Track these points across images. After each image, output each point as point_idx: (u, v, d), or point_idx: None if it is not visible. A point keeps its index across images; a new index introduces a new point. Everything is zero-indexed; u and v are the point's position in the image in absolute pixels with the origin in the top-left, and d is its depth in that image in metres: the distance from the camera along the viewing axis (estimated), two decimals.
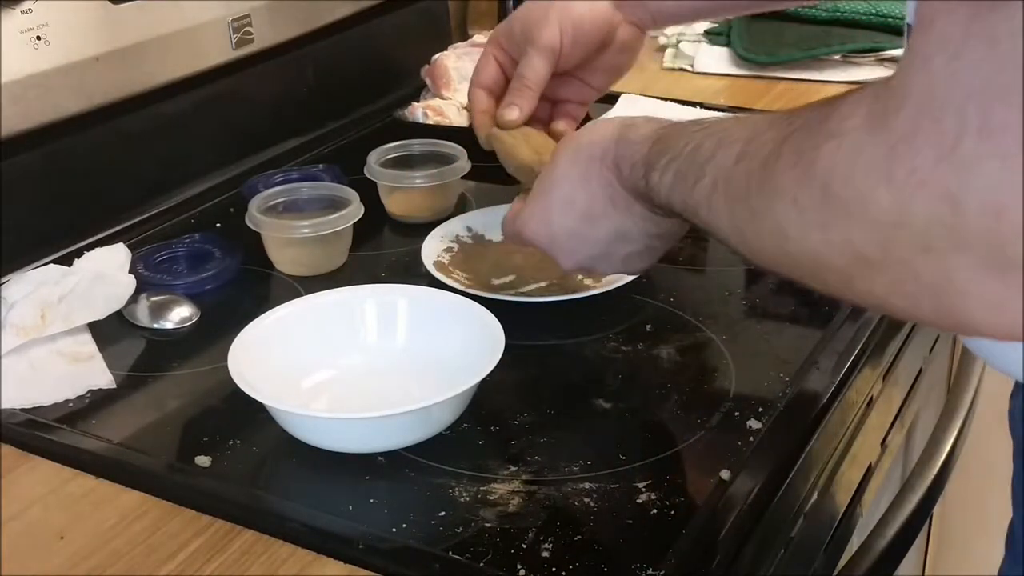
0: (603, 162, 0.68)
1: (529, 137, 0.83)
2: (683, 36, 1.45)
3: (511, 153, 0.82)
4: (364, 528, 0.63)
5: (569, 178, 0.70)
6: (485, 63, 0.87)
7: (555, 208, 0.71)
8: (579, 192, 0.69)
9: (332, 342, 0.77)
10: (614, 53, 0.87)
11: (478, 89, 0.87)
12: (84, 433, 0.73)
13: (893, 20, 1.35)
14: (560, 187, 0.71)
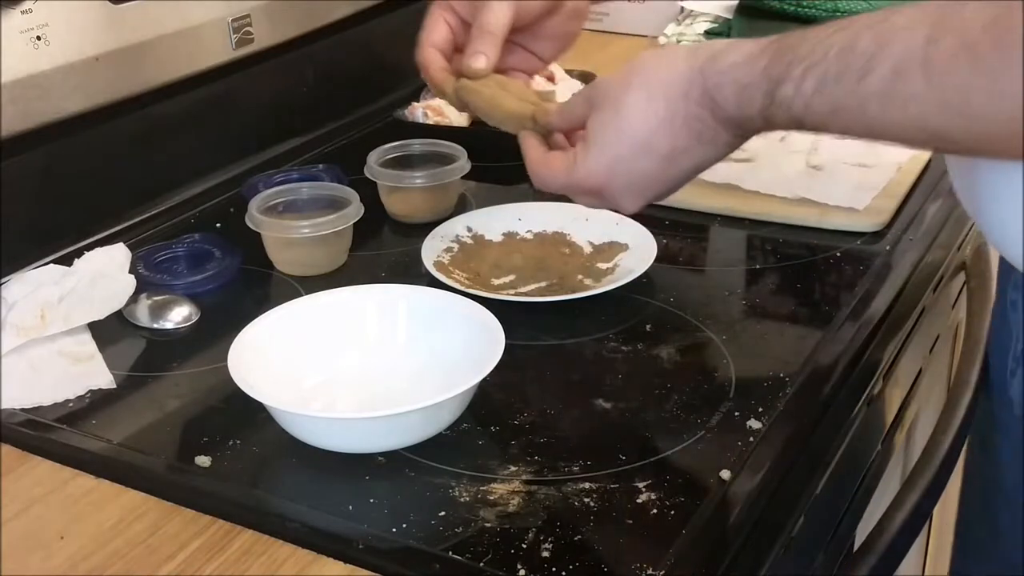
0: (688, 98, 0.67)
1: (504, 84, 0.81)
2: (683, 36, 1.45)
3: (494, 103, 0.80)
4: (364, 528, 0.63)
5: (646, 120, 0.68)
6: (434, 24, 0.84)
7: (630, 154, 0.70)
8: (661, 134, 0.68)
9: (332, 342, 0.77)
10: (563, 19, 0.85)
11: (430, 48, 0.84)
12: (84, 433, 0.73)
13: None
14: (636, 131, 0.69)
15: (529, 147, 0.77)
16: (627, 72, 0.71)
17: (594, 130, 0.71)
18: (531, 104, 0.79)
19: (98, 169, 1.00)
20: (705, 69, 0.66)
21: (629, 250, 0.92)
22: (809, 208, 1.00)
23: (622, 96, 0.70)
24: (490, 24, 0.81)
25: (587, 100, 0.73)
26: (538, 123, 0.78)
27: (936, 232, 0.98)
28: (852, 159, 1.08)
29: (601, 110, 0.71)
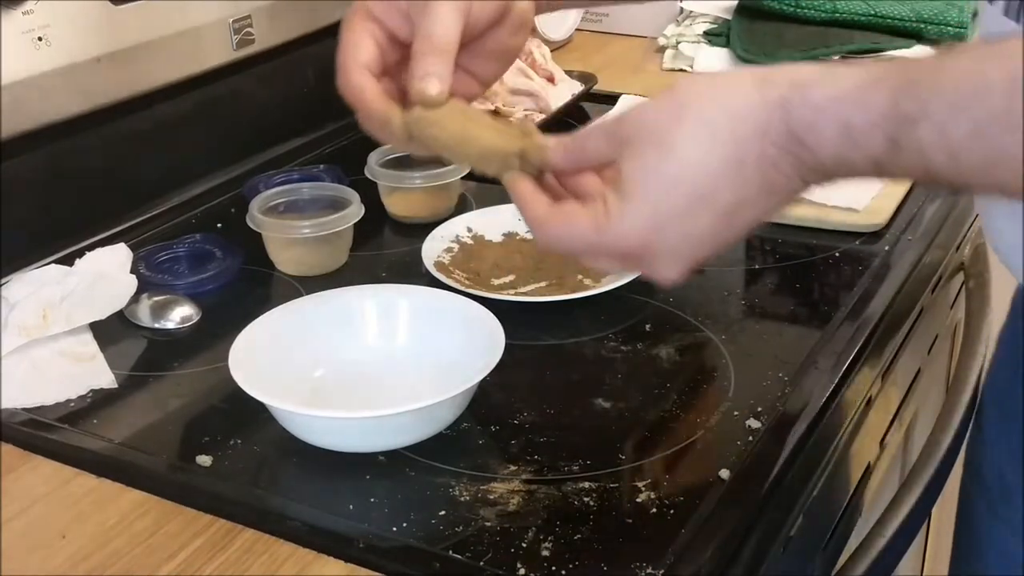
0: (765, 137, 0.53)
1: (469, 114, 0.65)
2: (683, 37, 1.45)
3: (466, 137, 0.63)
4: (364, 527, 0.64)
5: (707, 165, 0.54)
6: (359, 39, 0.66)
7: (685, 207, 0.55)
8: (726, 182, 0.54)
9: (332, 342, 0.77)
10: (508, 31, 0.68)
11: (361, 70, 0.65)
12: (85, 433, 0.73)
13: (892, 21, 1.35)
14: (694, 179, 0.54)
15: (527, 195, 0.60)
16: (675, 101, 0.56)
17: (632, 176, 0.56)
18: (516, 138, 0.63)
19: (99, 169, 1.00)
20: (790, 101, 0.52)
21: None
22: (809, 208, 1.00)
23: (673, 131, 0.55)
24: (438, 35, 0.63)
25: (613, 136, 0.58)
26: (529, 162, 0.61)
27: (935, 232, 0.99)
28: None
29: (640, 150, 0.56)
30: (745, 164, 0.54)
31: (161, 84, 1.03)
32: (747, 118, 0.54)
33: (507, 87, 1.19)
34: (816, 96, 0.52)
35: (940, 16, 1.34)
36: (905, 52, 1.32)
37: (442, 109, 0.63)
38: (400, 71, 0.66)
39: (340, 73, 0.65)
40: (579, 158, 0.60)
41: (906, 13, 1.34)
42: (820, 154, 0.52)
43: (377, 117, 0.64)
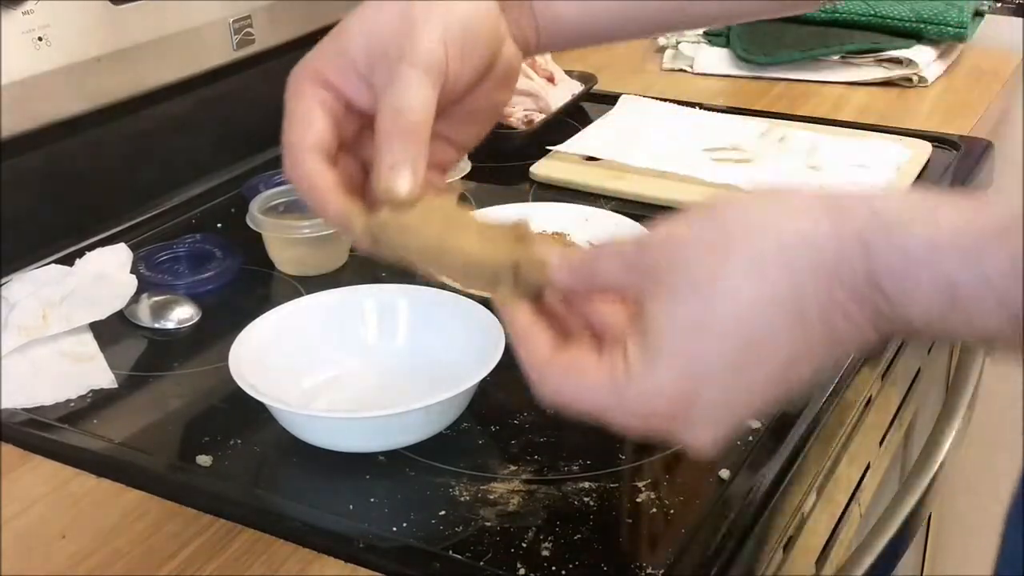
0: (834, 282, 0.42)
1: (449, 214, 0.53)
2: (683, 37, 1.45)
3: (447, 247, 0.51)
4: (364, 527, 0.64)
5: (762, 315, 0.43)
6: (307, 112, 0.55)
7: (731, 366, 0.44)
8: (779, 336, 0.43)
9: (332, 342, 0.77)
10: (492, 88, 0.57)
11: (311, 154, 0.54)
12: (85, 433, 0.73)
13: (892, 21, 1.35)
14: (744, 332, 0.43)
15: (523, 330, 0.49)
16: (718, 228, 0.45)
17: (661, 323, 0.44)
18: (507, 247, 0.51)
19: (99, 169, 1.00)
20: (872, 241, 0.41)
21: None
22: None
23: (715, 270, 0.44)
24: (407, 111, 0.51)
25: (635, 266, 0.47)
26: (524, 279, 0.50)
27: None
28: (851, 160, 1.08)
29: (672, 290, 0.44)
30: (807, 313, 0.43)
31: (161, 84, 1.03)
32: (813, 255, 0.42)
33: None
34: (909, 239, 0.41)
35: (940, 16, 1.34)
36: (905, 52, 1.33)
37: (415, 209, 0.52)
38: (362, 143, 0.56)
39: (286, 157, 0.54)
40: (589, 283, 0.48)
41: (906, 13, 1.34)
42: (907, 311, 0.41)
43: (333, 217, 0.53)
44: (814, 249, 0.42)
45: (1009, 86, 1.38)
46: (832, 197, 0.44)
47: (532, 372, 0.49)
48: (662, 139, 1.15)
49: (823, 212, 0.43)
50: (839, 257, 0.42)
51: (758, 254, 0.43)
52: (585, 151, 1.12)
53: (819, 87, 1.33)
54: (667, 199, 1.04)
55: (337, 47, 0.55)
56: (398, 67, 0.52)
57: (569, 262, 0.49)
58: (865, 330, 0.43)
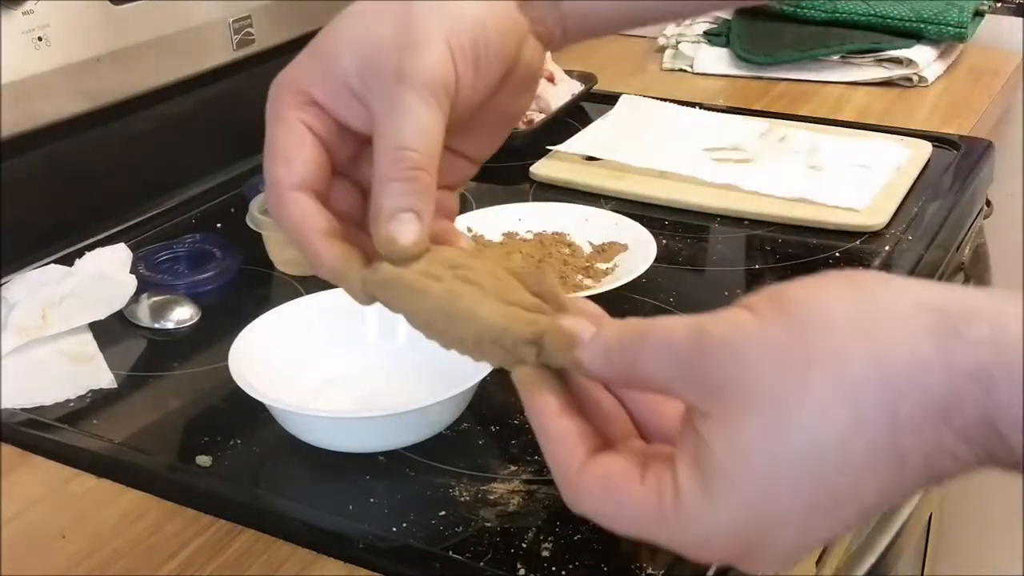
0: (943, 424, 0.34)
1: (460, 268, 0.45)
2: (682, 37, 1.45)
3: (456, 312, 0.43)
4: (364, 528, 0.64)
5: (845, 457, 0.35)
6: (293, 140, 0.47)
7: (799, 511, 0.36)
8: (870, 481, 0.35)
9: (332, 342, 0.77)
10: (511, 95, 0.50)
11: (297, 194, 0.46)
12: (85, 433, 0.73)
13: (892, 21, 1.35)
14: (820, 476, 0.35)
15: (552, 428, 0.41)
16: (799, 344, 0.36)
17: (723, 453, 0.37)
18: (527, 312, 0.43)
19: (99, 169, 1.00)
20: (991, 375, 0.33)
21: (629, 250, 0.92)
22: (808, 208, 1.00)
23: (793, 393, 0.35)
24: (411, 146, 0.44)
25: (690, 372, 0.38)
26: (548, 351, 0.41)
27: (935, 232, 0.99)
28: (851, 159, 1.08)
29: (737, 409, 0.36)
30: (907, 459, 0.35)
31: (161, 84, 1.03)
32: (919, 394, 0.34)
33: None
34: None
35: (940, 16, 1.34)
36: (905, 52, 1.33)
37: (419, 263, 0.44)
38: (360, 165, 0.48)
39: (270, 195, 0.47)
40: (628, 375, 0.40)
41: (906, 13, 1.34)
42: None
43: (326, 271, 0.46)
44: (921, 386, 0.34)
45: (1009, 86, 1.38)
46: (937, 308, 0.35)
47: (565, 484, 0.42)
48: (662, 139, 1.14)
49: (930, 336, 0.34)
50: (950, 396, 0.34)
51: (849, 379, 0.35)
52: (585, 151, 1.12)
53: (819, 87, 1.33)
54: (667, 199, 1.04)
55: (323, 60, 0.48)
56: (397, 91, 0.44)
57: (605, 344, 0.40)
58: (970, 465, 0.35)
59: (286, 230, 0.47)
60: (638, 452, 0.41)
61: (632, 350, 0.39)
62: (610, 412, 0.43)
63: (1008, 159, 1.43)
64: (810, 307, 0.36)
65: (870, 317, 0.35)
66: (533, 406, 0.42)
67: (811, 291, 0.37)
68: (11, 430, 0.73)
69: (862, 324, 0.35)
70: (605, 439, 0.42)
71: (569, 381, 0.42)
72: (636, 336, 0.39)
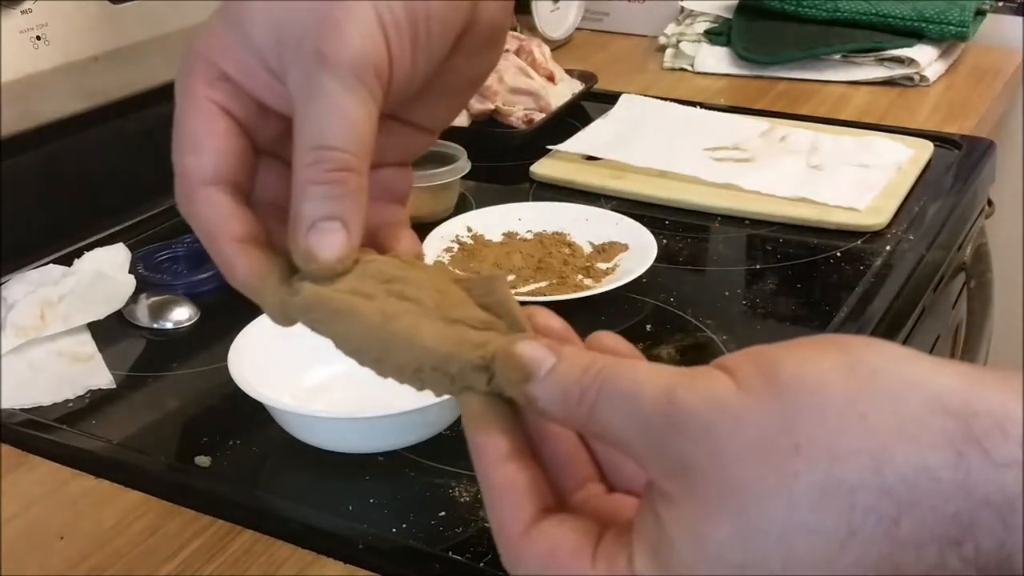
0: (954, 552, 0.28)
1: (395, 283, 0.38)
2: (683, 36, 1.45)
3: (393, 336, 0.37)
4: (364, 528, 0.63)
5: (826, 573, 0.30)
6: (203, 123, 0.43)
7: None
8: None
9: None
10: (472, 52, 0.42)
11: (211, 190, 0.41)
12: (84, 433, 0.73)
13: (893, 20, 1.35)
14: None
15: (499, 481, 0.37)
16: (784, 417, 0.30)
17: (687, 550, 0.31)
18: (475, 330, 0.37)
19: (98, 169, 1.00)
20: (1018, 509, 0.28)
21: (629, 250, 0.92)
22: (809, 208, 1.00)
23: (772, 493, 0.30)
24: (336, 143, 0.38)
25: (656, 444, 0.32)
26: (500, 378, 0.36)
27: (936, 232, 0.98)
28: (852, 159, 1.08)
29: (708, 503, 0.31)
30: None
31: (160, 83, 1.03)
32: (924, 508, 0.28)
33: (507, 86, 1.19)
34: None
35: (942, 15, 1.34)
36: (906, 51, 1.32)
37: (347, 279, 0.38)
38: (288, 144, 0.39)
39: (178, 189, 0.41)
40: (585, 426, 0.34)
41: (907, 12, 1.34)
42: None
43: (240, 283, 0.39)
44: (928, 501, 0.28)
45: (1011, 85, 1.38)
46: (963, 413, 0.28)
47: (504, 548, 0.35)
48: (662, 138, 1.14)
49: (946, 439, 0.28)
50: (963, 520, 0.28)
51: (842, 483, 0.29)
52: (585, 150, 1.12)
53: (820, 86, 1.33)
54: (668, 199, 1.04)
55: (235, 30, 0.40)
56: (318, 76, 0.37)
57: (562, 384, 0.34)
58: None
59: (196, 230, 0.41)
60: (592, 515, 0.35)
61: (591, 396, 0.33)
62: (568, 453, 0.37)
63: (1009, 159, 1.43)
64: (802, 383, 0.30)
65: (873, 404, 0.29)
66: (478, 446, 0.37)
67: (805, 363, 0.31)
68: (10, 430, 0.73)
69: (862, 412, 0.29)
70: (560, 484, 0.37)
71: (523, 413, 0.37)
72: (598, 381, 0.33)
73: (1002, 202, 1.31)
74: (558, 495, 0.36)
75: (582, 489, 0.37)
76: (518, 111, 1.18)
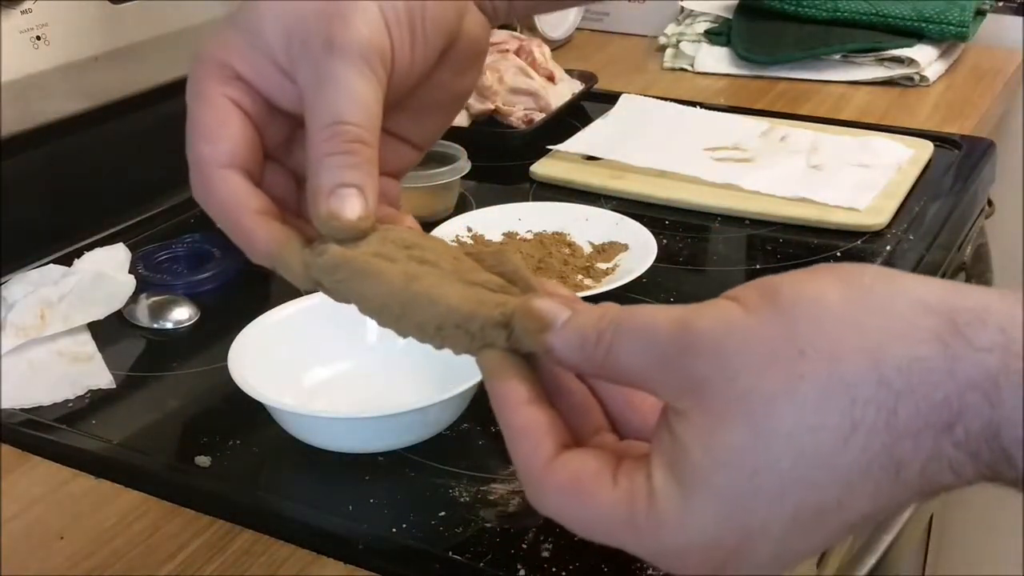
0: (946, 434, 0.32)
1: (414, 247, 0.42)
2: (683, 36, 1.45)
3: (415, 295, 0.40)
4: (364, 528, 0.63)
5: (837, 467, 0.32)
6: (217, 118, 0.44)
7: (784, 524, 0.33)
8: (862, 492, 0.33)
9: (332, 342, 0.77)
10: (456, 68, 0.47)
11: (227, 171, 0.43)
12: (84, 433, 0.73)
13: (893, 20, 1.35)
14: (809, 485, 0.33)
15: (520, 420, 0.38)
16: (786, 329, 0.34)
17: (703, 456, 0.34)
18: (493, 293, 0.40)
19: (98, 169, 1.00)
20: (1000, 383, 0.31)
21: (629, 250, 0.92)
22: (809, 208, 1.00)
23: (780, 395, 0.33)
24: (348, 119, 0.41)
25: (671, 366, 0.35)
26: (518, 336, 0.39)
27: (936, 232, 0.98)
28: (852, 159, 1.08)
29: (721, 412, 0.33)
30: (904, 471, 0.32)
31: (160, 83, 1.03)
32: (920, 399, 0.32)
33: (507, 86, 1.19)
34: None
35: (942, 15, 1.34)
36: (906, 51, 1.32)
37: (369, 243, 0.41)
38: (294, 150, 0.45)
39: (194, 174, 0.43)
40: (603, 367, 0.36)
41: (907, 12, 1.34)
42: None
43: (262, 251, 0.42)
44: (921, 389, 0.31)
45: (1011, 85, 1.38)
46: (946, 311, 0.32)
47: (528, 481, 0.37)
48: (663, 138, 1.14)
49: (933, 334, 0.32)
50: (953, 404, 0.31)
51: (842, 375, 0.32)
52: (585, 150, 1.12)
53: (820, 86, 1.33)
54: (667, 198, 1.04)
55: (247, 33, 0.44)
56: (328, 63, 0.41)
57: (579, 330, 0.37)
58: (970, 479, 0.33)
59: (213, 212, 0.42)
60: (610, 450, 0.38)
61: (608, 338, 0.36)
62: (582, 404, 0.40)
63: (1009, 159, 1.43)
64: (801, 298, 0.34)
65: (866, 311, 0.33)
66: (498, 393, 0.39)
67: (803, 283, 0.35)
68: (10, 430, 0.73)
69: (857, 318, 0.33)
70: (575, 434, 0.39)
71: (538, 369, 0.39)
72: (613, 323, 0.36)
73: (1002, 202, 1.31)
74: (575, 440, 0.39)
75: (595, 437, 0.40)
76: (518, 111, 1.18)
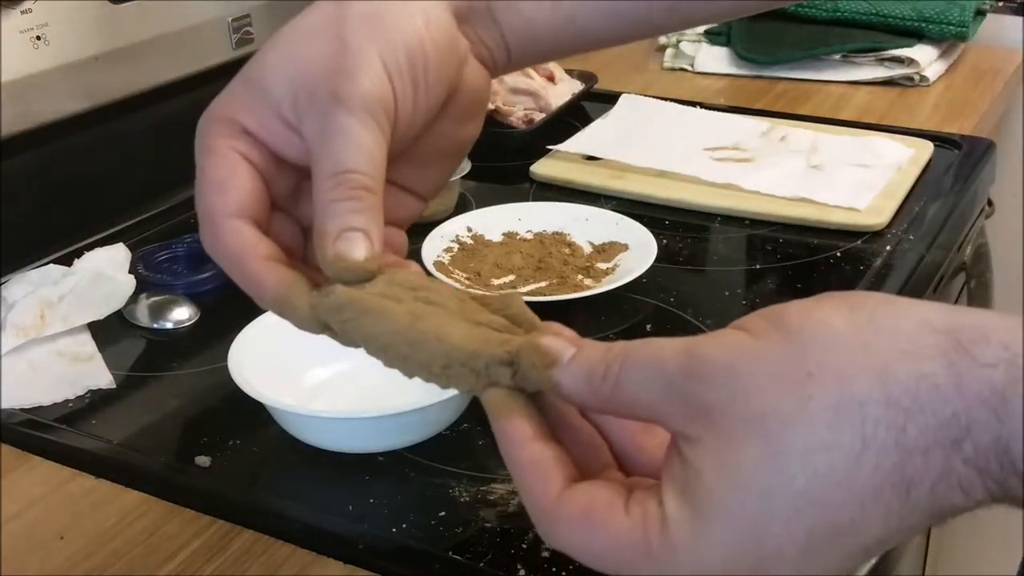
0: (955, 450, 0.32)
1: (420, 289, 0.43)
2: (683, 36, 1.45)
3: (421, 334, 0.40)
4: (364, 528, 0.63)
5: (848, 487, 0.33)
6: (226, 171, 0.45)
7: (799, 547, 0.34)
8: (874, 514, 0.33)
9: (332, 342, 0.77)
10: (457, 118, 0.49)
11: (236, 221, 0.44)
12: (84, 433, 0.73)
13: (893, 20, 1.35)
14: (820, 506, 0.33)
15: (528, 456, 0.38)
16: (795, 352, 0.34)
17: (715, 480, 0.34)
18: (498, 332, 0.40)
19: (98, 169, 1.00)
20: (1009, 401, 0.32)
21: (629, 250, 0.92)
22: (809, 208, 1.00)
23: (791, 417, 0.33)
24: (353, 168, 0.42)
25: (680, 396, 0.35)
26: (523, 371, 0.39)
27: (936, 232, 0.98)
28: (852, 159, 1.08)
29: (731, 435, 0.34)
30: (915, 490, 0.33)
31: (160, 83, 1.03)
32: (930, 417, 0.32)
33: (507, 86, 1.19)
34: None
35: (942, 15, 1.34)
36: (906, 51, 1.32)
37: (375, 284, 0.42)
38: (300, 201, 0.47)
39: (204, 225, 0.44)
40: (611, 402, 0.37)
41: (908, 12, 1.34)
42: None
43: (270, 296, 0.44)
44: (929, 406, 0.32)
45: (1011, 85, 1.38)
46: (949, 329, 0.33)
47: (539, 515, 0.38)
48: (663, 138, 1.14)
49: (939, 351, 0.32)
50: (961, 420, 0.32)
51: (851, 396, 0.32)
52: (585, 150, 1.12)
53: (820, 86, 1.33)
54: (668, 198, 1.04)
55: (254, 88, 0.45)
56: (333, 115, 0.42)
57: (587, 364, 0.37)
58: (980, 498, 0.33)
59: (222, 260, 0.44)
60: (619, 482, 0.38)
61: (615, 370, 0.36)
62: (589, 442, 0.40)
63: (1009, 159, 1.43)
64: (808, 323, 0.34)
65: (872, 333, 0.33)
66: (504, 431, 0.38)
67: (809, 309, 0.35)
68: (10, 430, 0.73)
69: (863, 339, 0.33)
70: (583, 471, 0.38)
71: (544, 408, 0.39)
72: (620, 357, 0.36)
73: (1002, 202, 1.31)
74: (583, 475, 0.39)
75: (603, 472, 0.40)
76: (518, 111, 1.18)
